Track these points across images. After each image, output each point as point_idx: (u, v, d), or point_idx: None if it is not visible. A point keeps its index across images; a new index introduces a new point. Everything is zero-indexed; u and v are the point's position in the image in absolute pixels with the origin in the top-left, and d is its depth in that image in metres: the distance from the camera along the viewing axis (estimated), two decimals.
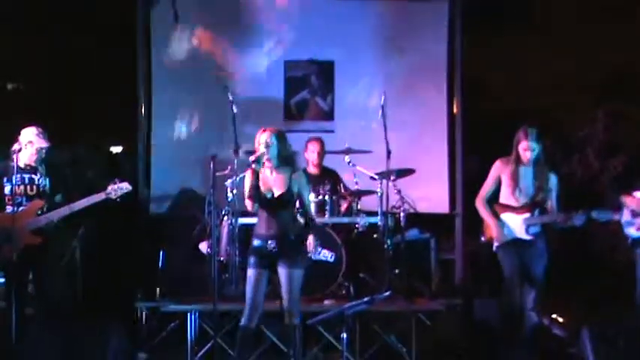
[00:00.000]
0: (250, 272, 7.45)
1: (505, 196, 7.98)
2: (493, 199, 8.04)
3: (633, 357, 7.10)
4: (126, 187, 8.02)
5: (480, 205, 8.08)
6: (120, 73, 10.29)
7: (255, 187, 7.37)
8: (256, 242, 7.48)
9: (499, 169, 8.00)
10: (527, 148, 7.81)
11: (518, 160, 7.88)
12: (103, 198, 7.99)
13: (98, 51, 9.99)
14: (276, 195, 7.41)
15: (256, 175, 7.38)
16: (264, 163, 7.43)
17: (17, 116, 8.27)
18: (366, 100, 10.41)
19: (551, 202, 7.91)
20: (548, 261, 7.89)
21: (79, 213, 8.32)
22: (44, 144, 7.93)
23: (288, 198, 7.43)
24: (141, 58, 10.35)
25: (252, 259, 7.47)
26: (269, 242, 7.42)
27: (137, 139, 10.33)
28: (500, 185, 8.00)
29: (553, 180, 7.94)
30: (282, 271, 7.44)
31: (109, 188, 7.99)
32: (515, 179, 7.89)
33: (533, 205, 7.89)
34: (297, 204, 7.53)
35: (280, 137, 7.51)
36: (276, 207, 7.42)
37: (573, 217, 7.73)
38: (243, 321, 7.46)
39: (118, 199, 8.06)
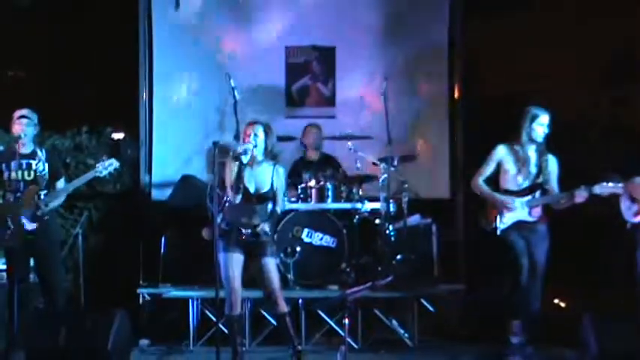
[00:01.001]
0: (222, 257, 7.43)
1: (506, 180, 7.97)
2: (488, 184, 8.04)
3: (634, 341, 7.07)
4: (114, 163, 8.04)
5: (478, 184, 8.07)
6: (122, 60, 10.27)
7: (240, 179, 7.39)
8: (225, 226, 7.49)
9: (501, 154, 8.00)
10: (542, 123, 7.88)
11: (528, 141, 7.90)
12: (93, 176, 8.01)
13: (100, 39, 9.96)
14: (257, 189, 7.48)
15: (242, 167, 7.40)
16: (250, 155, 7.45)
17: (20, 103, 8.22)
18: (368, 86, 10.37)
19: (552, 184, 7.92)
20: (550, 245, 7.87)
21: (80, 199, 8.37)
22: (19, 130, 7.96)
23: (267, 193, 7.51)
24: (143, 46, 10.34)
25: (221, 244, 7.45)
26: (243, 230, 7.44)
27: (139, 125, 10.32)
28: (498, 170, 8.00)
29: (553, 162, 7.97)
30: (257, 263, 7.48)
31: (98, 165, 8.01)
32: (522, 162, 7.90)
33: (535, 186, 7.90)
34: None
35: (268, 131, 7.56)
36: (256, 200, 7.48)
37: (575, 193, 7.72)
38: (226, 310, 7.47)
39: (108, 176, 8.10)
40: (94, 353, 7.29)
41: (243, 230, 7.45)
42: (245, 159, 7.42)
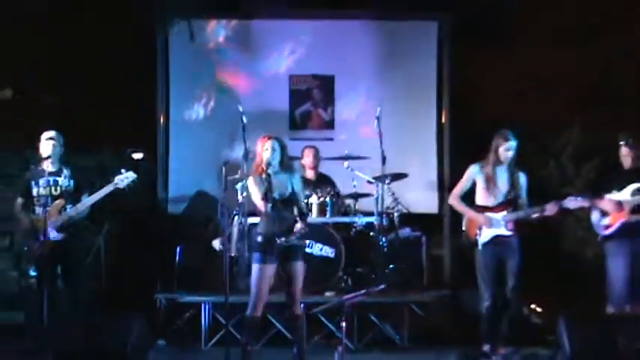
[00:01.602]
0: (256, 267, 7.36)
1: (481, 197, 7.92)
2: (464, 200, 8.00)
3: (605, 343, 6.96)
4: (131, 175, 7.98)
5: (455, 200, 8.01)
6: (141, 88, 10.29)
7: (269, 189, 7.31)
8: (260, 239, 7.39)
9: (474, 173, 7.95)
10: (509, 148, 7.79)
11: (495, 163, 7.84)
12: (112, 189, 7.93)
13: (121, 69, 9.95)
14: (280, 197, 7.36)
15: (269, 179, 7.32)
16: (263, 168, 7.39)
17: (48, 126, 8.20)
18: (364, 111, 10.39)
19: (523, 199, 7.86)
20: (521, 256, 7.80)
21: (103, 213, 8.33)
22: (47, 151, 7.96)
23: (290, 199, 7.38)
24: (160, 74, 10.43)
25: (257, 255, 7.37)
26: (277, 238, 7.34)
27: (156, 146, 10.37)
28: (473, 187, 7.95)
29: (523, 179, 7.90)
30: (287, 266, 7.38)
31: (116, 179, 7.95)
32: (492, 181, 7.84)
33: (508, 202, 7.82)
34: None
35: (282, 144, 7.49)
36: (281, 207, 7.35)
37: (546, 207, 7.68)
38: (248, 311, 7.38)
39: (126, 188, 7.99)
40: (116, 353, 7.17)
41: (278, 240, 7.35)
42: (271, 169, 7.36)
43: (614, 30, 9.95)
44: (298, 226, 7.32)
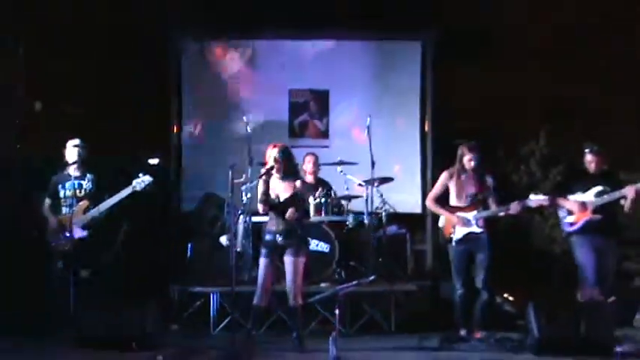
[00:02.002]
0: (262, 261, 7.52)
1: (453, 199, 8.02)
2: (442, 201, 8.10)
3: (569, 326, 7.17)
4: (147, 179, 8.05)
5: (431, 202, 8.13)
6: (156, 100, 10.33)
7: (266, 193, 7.46)
8: (267, 237, 7.55)
9: (446, 179, 8.06)
10: (471, 159, 7.91)
11: (461, 170, 7.97)
12: (131, 191, 8.03)
13: (139, 82, 10.01)
14: (283, 199, 7.50)
15: (267, 184, 7.48)
16: (271, 173, 7.52)
17: (74, 134, 8.35)
18: (355, 121, 10.42)
19: (491, 199, 7.96)
20: (491, 250, 7.89)
21: (122, 212, 8.40)
22: (72, 156, 8.06)
23: (292, 201, 7.50)
24: (173, 88, 10.48)
25: (264, 250, 7.54)
26: (277, 237, 7.50)
27: (170, 152, 10.41)
28: (446, 191, 8.06)
29: (490, 181, 7.98)
30: (287, 260, 7.50)
31: (134, 182, 8.04)
32: (461, 185, 7.95)
33: (477, 202, 7.93)
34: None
35: (286, 152, 7.56)
36: (284, 209, 7.50)
37: (511, 206, 7.79)
38: (255, 300, 7.53)
39: (143, 190, 8.07)
40: (134, 336, 7.37)
41: (278, 237, 7.52)
42: (276, 175, 7.46)
43: (576, 51, 10.10)
44: (290, 211, 7.44)
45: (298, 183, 7.57)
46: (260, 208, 7.53)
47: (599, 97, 9.94)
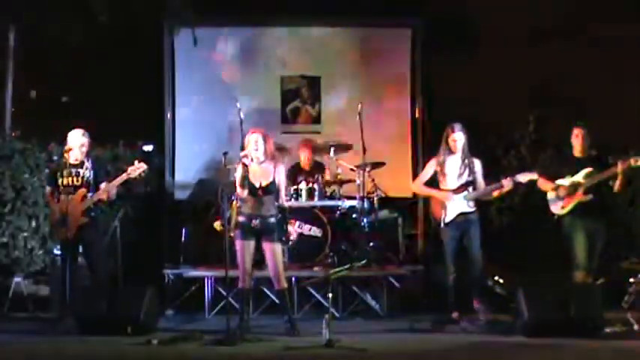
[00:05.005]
0: (238, 243, 7.48)
1: (442, 184, 7.99)
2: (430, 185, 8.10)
3: (559, 308, 7.15)
4: (142, 166, 8.01)
5: (419, 185, 8.15)
6: (150, 87, 10.29)
7: (245, 177, 7.42)
8: (242, 219, 7.50)
9: (434, 165, 8.03)
10: (455, 139, 7.88)
11: (446, 151, 7.94)
12: (126, 178, 7.99)
13: (133, 70, 9.99)
14: (262, 184, 7.45)
15: (245, 168, 7.42)
16: (252, 158, 7.47)
17: (69, 122, 8.28)
18: (346, 107, 10.36)
19: (479, 181, 7.95)
20: (482, 231, 7.92)
21: (117, 199, 8.37)
22: (71, 145, 7.99)
23: (270, 187, 7.46)
24: (167, 76, 10.37)
25: (238, 233, 7.49)
26: (253, 220, 7.45)
27: (164, 139, 10.34)
28: (435, 175, 8.03)
29: (477, 164, 7.97)
30: (265, 246, 7.49)
31: (129, 169, 8.01)
32: (448, 167, 7.93)
33: (467, 184, 7.91)
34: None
35: (265, 138, 7.54)
36: (261, 194, 7.46)
37: (503, 182, 7.79)
38: (239, 284, 7.53)
39: (138, 178, 8.08)
40: (130, 320, 7.36)
41: (254, 220, 7.47)
42: (247, 161, 7.44)
43: (564, 35, 10.08)
44: (291, 231, 7.68)
45: (280, 168, 7.58)
46: (239, 191, 7.48)
47: (590, 83, 9.98)
